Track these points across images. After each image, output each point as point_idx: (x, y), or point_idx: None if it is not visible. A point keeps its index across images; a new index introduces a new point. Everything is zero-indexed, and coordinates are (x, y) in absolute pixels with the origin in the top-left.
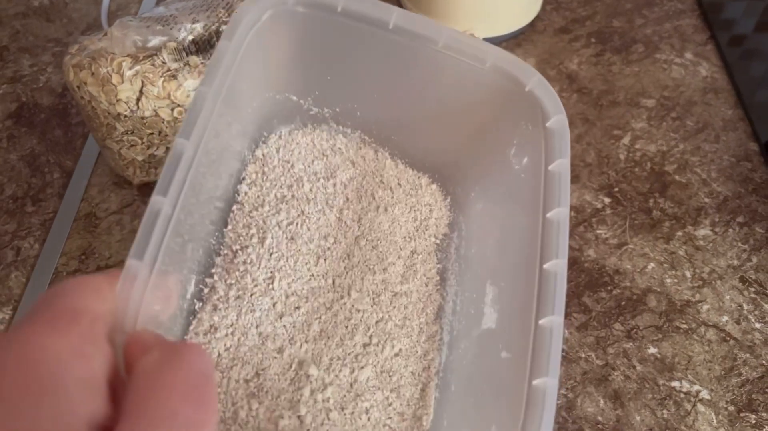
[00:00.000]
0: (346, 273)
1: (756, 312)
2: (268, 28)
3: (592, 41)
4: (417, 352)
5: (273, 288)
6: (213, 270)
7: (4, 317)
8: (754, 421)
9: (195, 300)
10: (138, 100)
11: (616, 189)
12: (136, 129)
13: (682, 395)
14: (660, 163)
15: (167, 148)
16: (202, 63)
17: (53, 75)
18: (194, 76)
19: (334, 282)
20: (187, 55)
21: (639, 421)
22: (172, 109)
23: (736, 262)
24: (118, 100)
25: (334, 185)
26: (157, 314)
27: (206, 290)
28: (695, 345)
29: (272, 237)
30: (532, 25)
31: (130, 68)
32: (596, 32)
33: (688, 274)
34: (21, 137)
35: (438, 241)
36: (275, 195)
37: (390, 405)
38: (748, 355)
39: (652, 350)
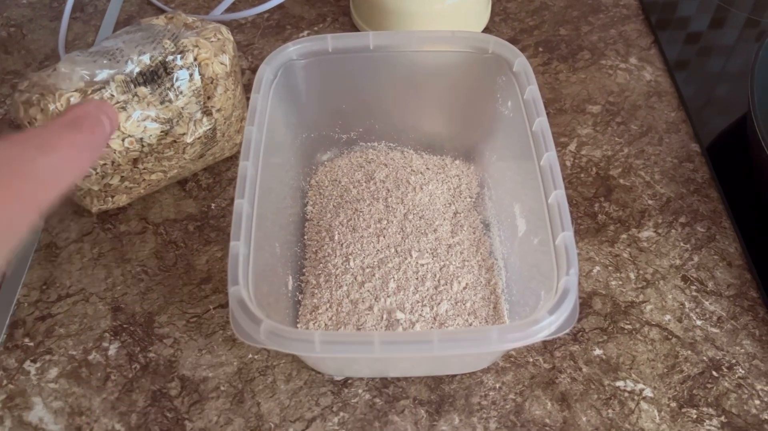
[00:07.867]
0: (404, 241)
1: (697, 310)
2: (282, 83)
3: (540, 50)
4: (482, 282)
5: (350, 267)
6: (304, 270)
7: None
8: (695, 416)
9: (297, 293)
10: None
11: None
12: None
13: (626, 394)
14: (605, 168)
15: (122, 177)
16: (150, 94)
17: (13, 107)
18: (143, 106)
19: (396, 250)
20: (135, 86)
21: (585, 422)
22: (123, 140)
23: (678, 262)
24: None
25: (375, 184)
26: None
27: (303, 284)
28: (639, 344)
29: (338, 233)
30: None
31: None
32: (544, 41)
33: (632, 276)
34: None
35: (473, 199)
36: (332, 205)
37: (470, 325)
38: (689, 352)
39: (597, 352)
